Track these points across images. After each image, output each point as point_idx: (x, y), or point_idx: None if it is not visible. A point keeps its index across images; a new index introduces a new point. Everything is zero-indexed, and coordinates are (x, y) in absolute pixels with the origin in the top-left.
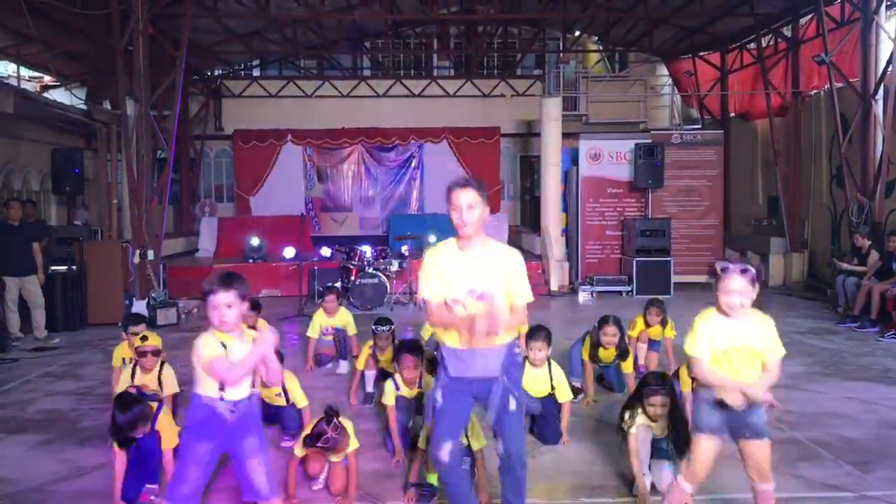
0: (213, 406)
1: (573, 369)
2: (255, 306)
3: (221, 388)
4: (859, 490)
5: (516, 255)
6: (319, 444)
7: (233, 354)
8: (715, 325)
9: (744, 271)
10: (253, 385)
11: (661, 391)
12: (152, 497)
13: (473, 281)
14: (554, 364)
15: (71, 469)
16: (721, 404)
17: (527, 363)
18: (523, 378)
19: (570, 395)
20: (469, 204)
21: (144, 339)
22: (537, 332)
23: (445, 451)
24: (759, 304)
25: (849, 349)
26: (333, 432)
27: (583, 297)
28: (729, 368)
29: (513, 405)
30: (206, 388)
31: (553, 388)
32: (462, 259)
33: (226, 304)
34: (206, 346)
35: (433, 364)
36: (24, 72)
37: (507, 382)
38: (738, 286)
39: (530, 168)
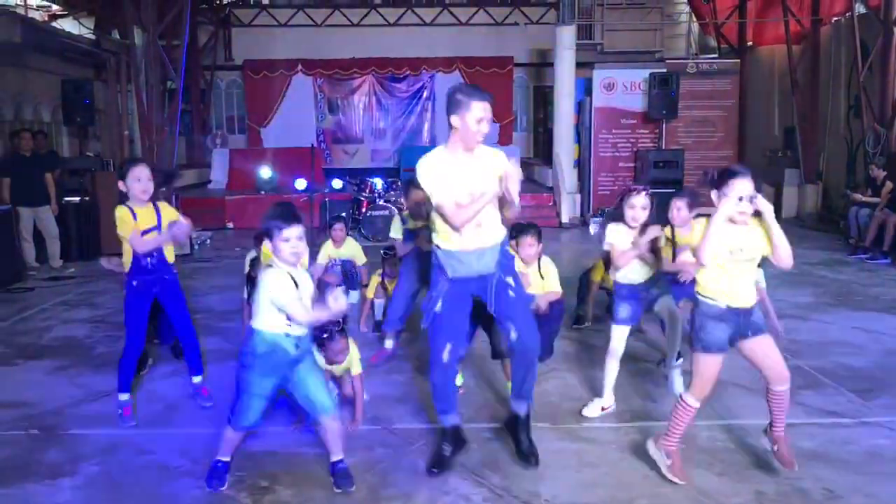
0: (277, 341)
1: (580, 297)
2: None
3: (288, 325)
4: (858, 416)
5: (501, 153)
6: (323, 336)
7: (303, 289)
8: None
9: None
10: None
11: (644, 191)
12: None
13: (472, 184)
14: (546, 260)
15: (87, 393)
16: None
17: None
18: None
19: (559, 289)
20: (490, 119)
21: None
22: (528, 228)
23: (446, 352)
24: None
25: (859, 280)
26: (334, 327)
27: (594, 228)
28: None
29: (512, 293)
30: (271, 323)
31: (543, 286)
32: (457, 165)
33: (297, 237)
34: (279, 281)
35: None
36: (32, 1)
37: (500, 274)
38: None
39: (543, 99)
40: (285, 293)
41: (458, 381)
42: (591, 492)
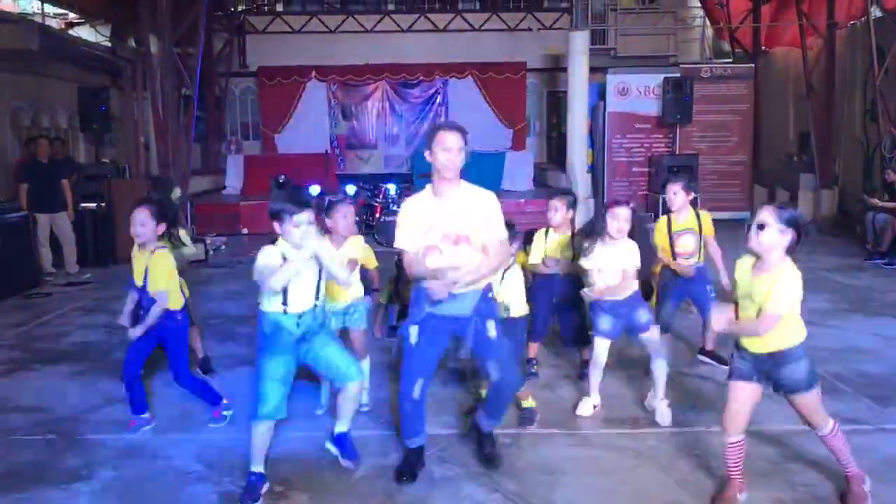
0: (278, 321)
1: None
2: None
3: (284, 303)
4: (877, 423)
5: (488, 194)
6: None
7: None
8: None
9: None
10: (317, 297)
11: (626, 204)
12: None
13: (449, 225)
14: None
15: (103, 398)
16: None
17: (550, 230)
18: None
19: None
20: (460, 147)
21: None
22: (560, 192)
23: (418, 388)
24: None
25: (876, 286)
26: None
27: None
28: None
29: (492, 331)
30: (271, 304)
31: (574, 255)
32: (437, 206)
33: (308, 221)
34: (264, 252)
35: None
36: (49, 9)
37: (476, 319)
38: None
39: (557, 104)
40: (262, 259)
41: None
42: (607, 499)
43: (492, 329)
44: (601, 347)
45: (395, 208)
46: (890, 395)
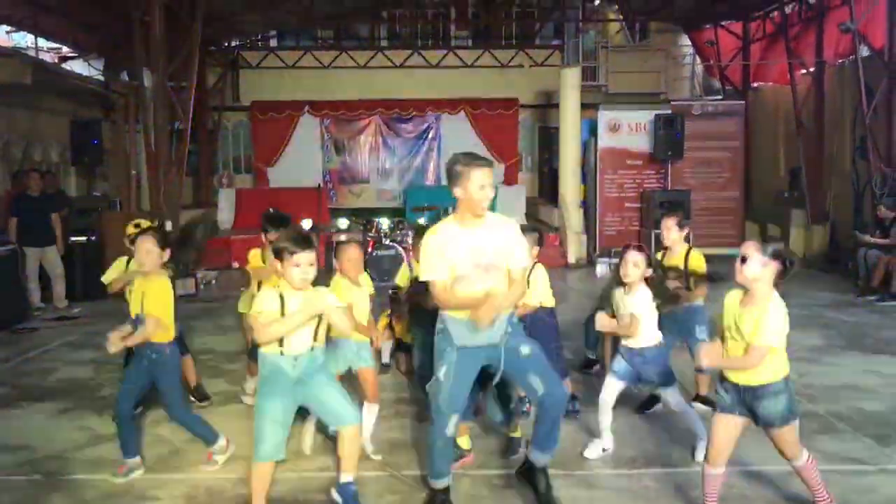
0: (276, 362)
1: (587, 340)
2: None
3: (281, 344)
4: (878, 463)
5: (513, 223)
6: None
7: (290, 306)
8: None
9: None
10: (315, 339)
11: (636, 248)
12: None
13: (478, 254)
14: (540, 268)
15: (90, 437)
16: None
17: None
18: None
19: (545, 301)
20: (492, 184)
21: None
22: (527, 229)
23: (452, 425)
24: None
25: (869, 322)
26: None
27: (601, 269)
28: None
29: (525, 350)
30: (269, 344)
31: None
32: (465, 236)
33: (309, 262)
34: (261, 296)
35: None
36: (43, 42)
37: (504, 343)
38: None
39: (549, 139)
40: (259, 305)
41: (466, 444)
42: None
43: (525, 348)
44: (609, 387)
45: (387, 242)
46: (890, 434)
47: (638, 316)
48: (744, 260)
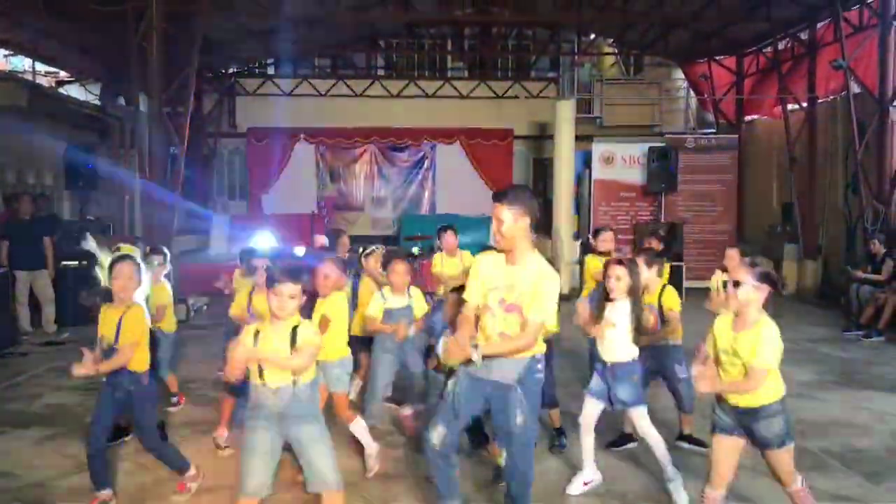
0: (257, 392)
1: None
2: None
3: (260, 375)
4: (871, 502)
5: (550, 274)
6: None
7: (263, 342)
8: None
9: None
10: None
11: (619, 262)
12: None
13: (507, 292)
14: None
15: (73, 464)
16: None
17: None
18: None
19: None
20: (499, 219)
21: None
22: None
23: (436, 435)
24: (771, 312)
25: (862, 358)
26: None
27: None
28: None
29: (519, 419)
30: (252, 373)
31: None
32: (505, 270)
33: (289, 294)
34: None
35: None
36: (40, 67)
37: (520, 394)
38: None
39: (543, 170)
40: (241, 336)
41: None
42: None
43: (519, 418)
44: (587, 407)
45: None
46: (881, 471)
47: (619, 326)
48: (736, 284)
